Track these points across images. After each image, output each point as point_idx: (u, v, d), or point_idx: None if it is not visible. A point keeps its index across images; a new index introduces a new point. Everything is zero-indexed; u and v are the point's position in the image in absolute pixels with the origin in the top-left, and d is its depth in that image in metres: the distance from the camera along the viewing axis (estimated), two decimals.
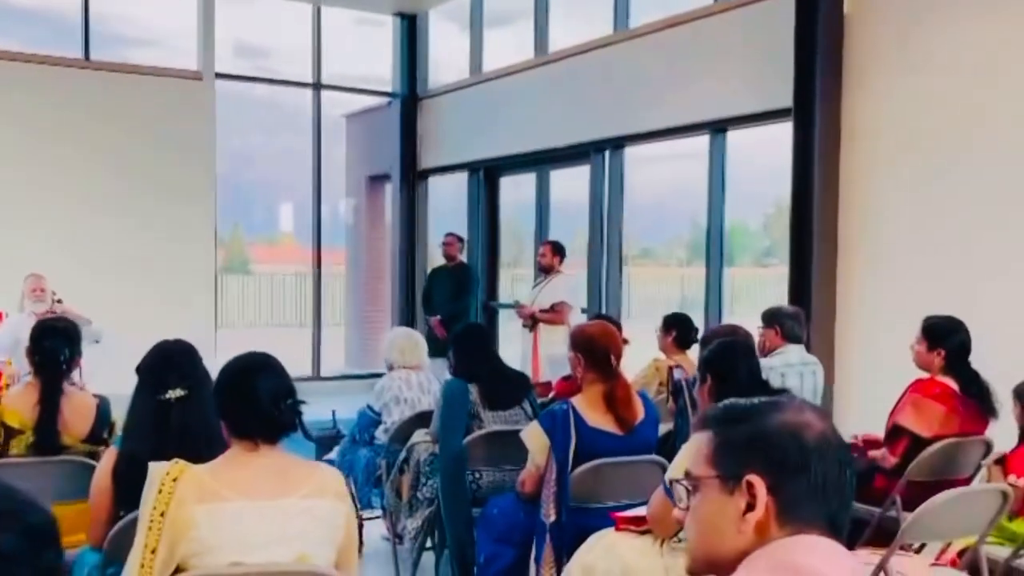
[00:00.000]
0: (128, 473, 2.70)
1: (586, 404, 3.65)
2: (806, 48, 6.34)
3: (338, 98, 11.85)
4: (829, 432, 1.39)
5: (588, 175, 8.65)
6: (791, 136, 6.46)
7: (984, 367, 4.14)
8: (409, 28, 11.09)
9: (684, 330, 5.40)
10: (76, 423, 3.48)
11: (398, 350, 5.04)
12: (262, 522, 2.25)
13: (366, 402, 5.07)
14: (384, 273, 12.11)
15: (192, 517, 2.20)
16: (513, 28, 10.58)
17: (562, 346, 4.10)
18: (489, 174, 10.26)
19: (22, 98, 8.99)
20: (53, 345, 3.52)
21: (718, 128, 7.41)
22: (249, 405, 2.32)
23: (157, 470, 2.25)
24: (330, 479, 2.40)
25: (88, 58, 9.52)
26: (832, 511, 1.36)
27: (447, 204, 11.12)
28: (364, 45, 12.74)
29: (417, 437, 4.53)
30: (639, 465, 3.65)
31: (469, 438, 4.14)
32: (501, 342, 9.12)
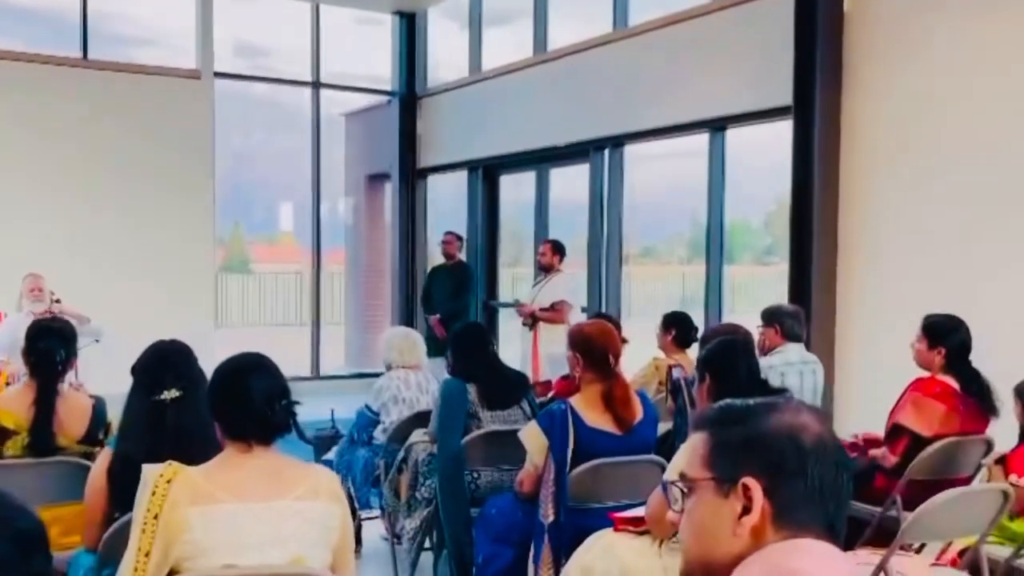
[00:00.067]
0: (123, 474, 2.68)
1: (584, 404, 3.64)
2: (805, 46, 6.33)
3: (337, 97, 11.84)
4: (826, 434, 1.37)
5: (588, 173, 8.63)
6: (791, 134, 6.45)
7: (984, 365, 4.13)
8: (408, 27, 11.08)
9: (684, 329, 5.39)
10: (72, 424, 3.46)
11: (396, 350, 5.03)
12: (256, 524, 2.23)
13: (365, 402, 5.05)
14: (384, 272, 12.10)
15: (185, 519, 2.18)
16: (512, 26, 10.57)
17: (562, 345, 4.08)
18: (488, 173, 10.24)
19: (21, 98, 8.98)
20: (48, 346, 3.50)
21: (718, 126, 7.39)
22: (242, 405, 2.31)
23: (150, 472, 2.23)
24: (325, 480, 2.38)
25: (86, 57, 9.51)
26: (829, 514, 1.34)
27: (446, 203, 11.09)
28: (363, 44, 12.71)
29: (415, 437, 4.52)
30: (638, 465, 3.64)
31: (467, 438, 4.13)
32: (501, 341, 9.11)
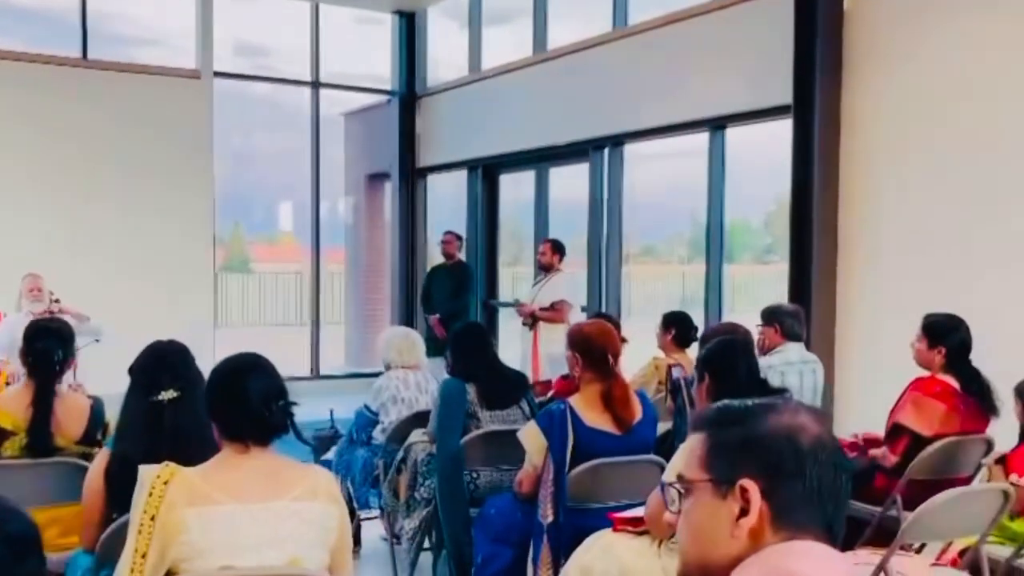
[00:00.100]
0: (120, 474, 2.68)
1: (584, 404, 3.63)
2: (805, 44, 6.31)
3: (337, 96, 11.83)
4: (824, 435, 1.36)
5: (588, 173, 8.62)
6: (791, 133, 6.44)
7: (985, 365, 4.12)
8: (408, 26, 11.07)
9: (684, 328, 5.39)
10: (69, 424, 3.45)
11: (395, 350, 5.02)
12: (253, 525, 2.22)
13: (364, 402, 5.04)
14: (383, 271, 12.10)
15: (182, 520, 2.17)
16: (512, 25, 10.56)
17: (562, 345, 4.07)
18: (488, 172, 10.23)
19: (20, 98, 8.97)
20: (46, 346, 3.49)
21: (717, 125, 7.38)
22: (239, 406, 2.30)
23: (147, 473, 2.23)
24: (322, 481, 2.37)
25: (86, 57, 9.49)
26: (827, 515, 1.33)
27: (446, 202, 11.08)
28: (363, 43, 12.70)
29: (414, 437, 4.51)
30: (637, 465, 3.63)
31: (467, 438, 4.13)
32: (501, 341, 9.10)
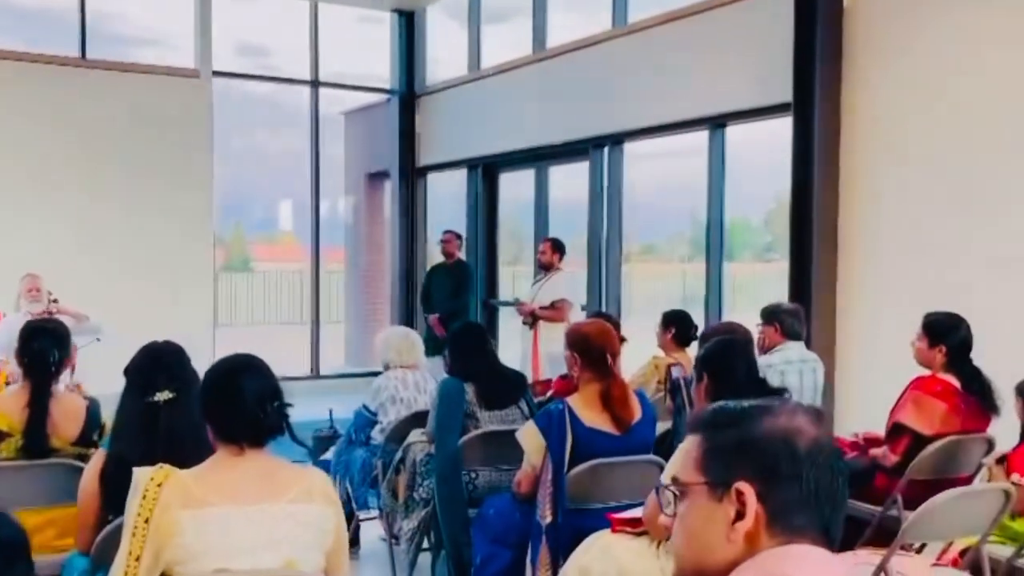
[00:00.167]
0: (116, 476, 2.66)
1: (582, 403, 3.62)
2: (805, 42, 6.29)
3: (336, 95, 11.81)
4: (821, 437, 1.34)
5: (587, 171, 8.60)
6: (791, 131, 6.41)
7: (985, 364, 4.10)
8: (407, 25, 11.05)
9: (683, 327, 5.37)
10: (65, 426, 3.44)
11: (394, 350, 5.00)
12: (248, 527, 2.21)
13: (363, 402, 5.03)
14: (383, 271, 12.09)
15: (177, 523, 2.16)
16: (511, 24, 10.54)
17: (562, 344, 4.06)
18: (488, 171, 10.21)
19: (19, 97, 8.96)
20: (42, 347, 3.47)
21: (717, 123, 7.36)
22: (233, 407, 2.28)
23: (141, 475, 2.21)
24: (318, 483, 2.36)
25: (85, 56, 9.48)
26: (824, 519, 1.31)
27: (446, 201, 11.06)
28: (362, 42, 12.69)
29: (413, 437, 4.50)
30: (636, 465, 3.61)
31: (465, 438, 4.11)
32: (501, 340, 9.09)
